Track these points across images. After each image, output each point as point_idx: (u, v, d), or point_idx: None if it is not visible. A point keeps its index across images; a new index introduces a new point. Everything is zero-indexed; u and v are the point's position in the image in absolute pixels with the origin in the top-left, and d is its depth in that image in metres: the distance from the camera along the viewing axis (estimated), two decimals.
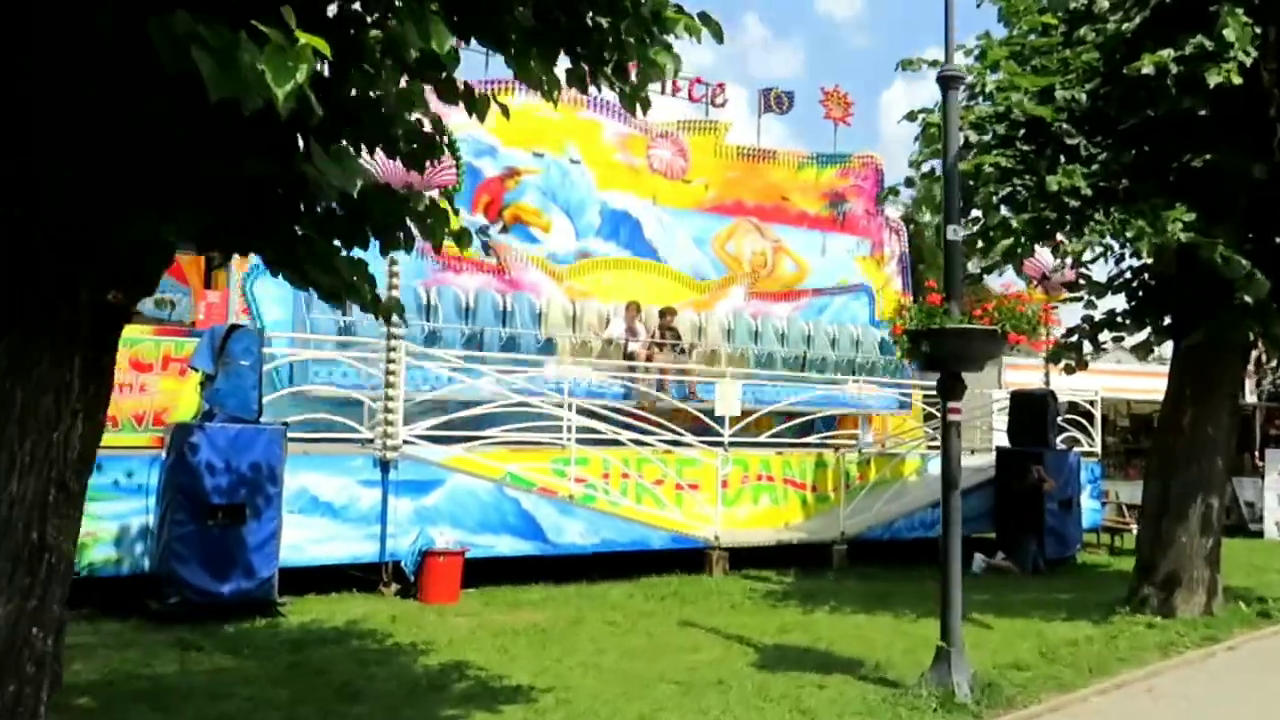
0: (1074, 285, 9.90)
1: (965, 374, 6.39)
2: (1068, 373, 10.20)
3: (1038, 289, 12.07)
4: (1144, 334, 9.75)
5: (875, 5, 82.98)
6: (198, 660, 6.63)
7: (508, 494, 9.99)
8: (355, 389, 9.99)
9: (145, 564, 8.05)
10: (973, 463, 14.16)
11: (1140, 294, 9.74)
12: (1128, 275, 9.83)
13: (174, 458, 7.80)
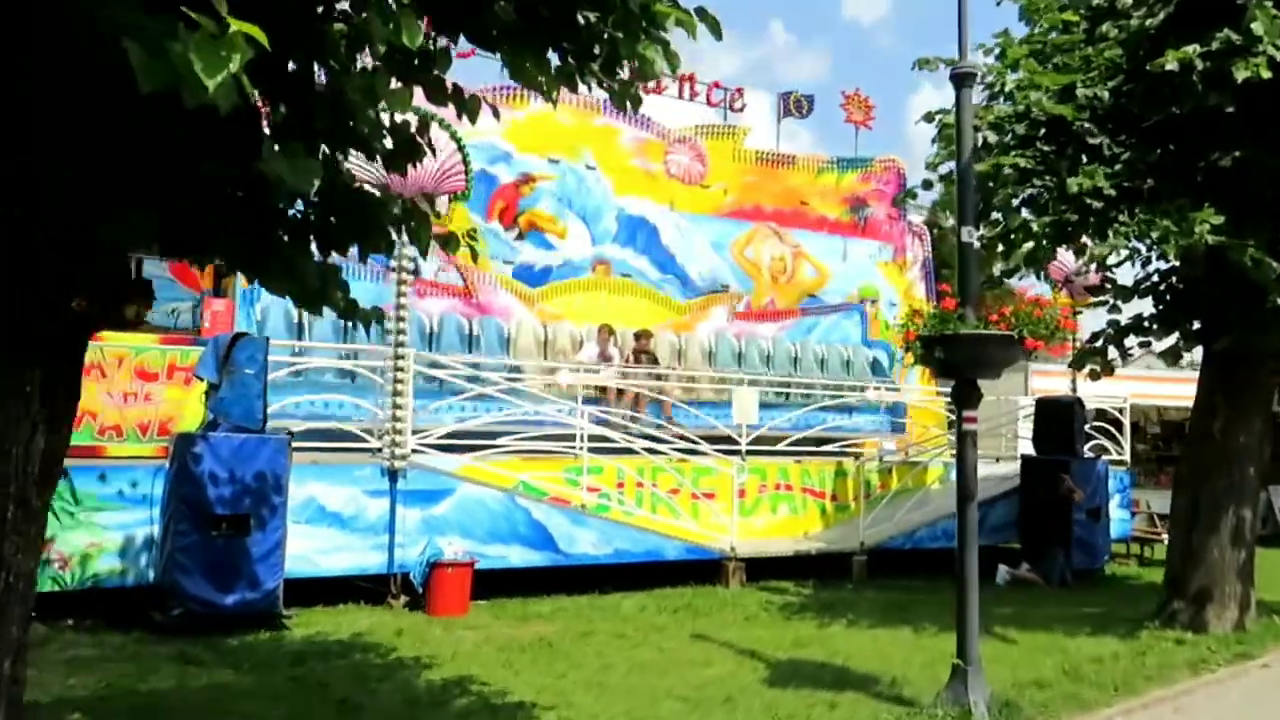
0: (1099, 289, 9.60)
1: (987, 381, 6.18)
2: (1093, 379, 9.90)
3: (1063, 292, 11.75)
4: (1172, 339, 9.44)
5: (903, 7, 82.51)
6: (196, 675, 6.51)
7: (519, 503, 9.84)
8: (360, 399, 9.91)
9: (150, 575, 7.97)
10: (998, 471, 13.89)
11: (1168, 298, 9.44)
12: (1155, 279, 9.53)
13: (177, 467, 7.72)
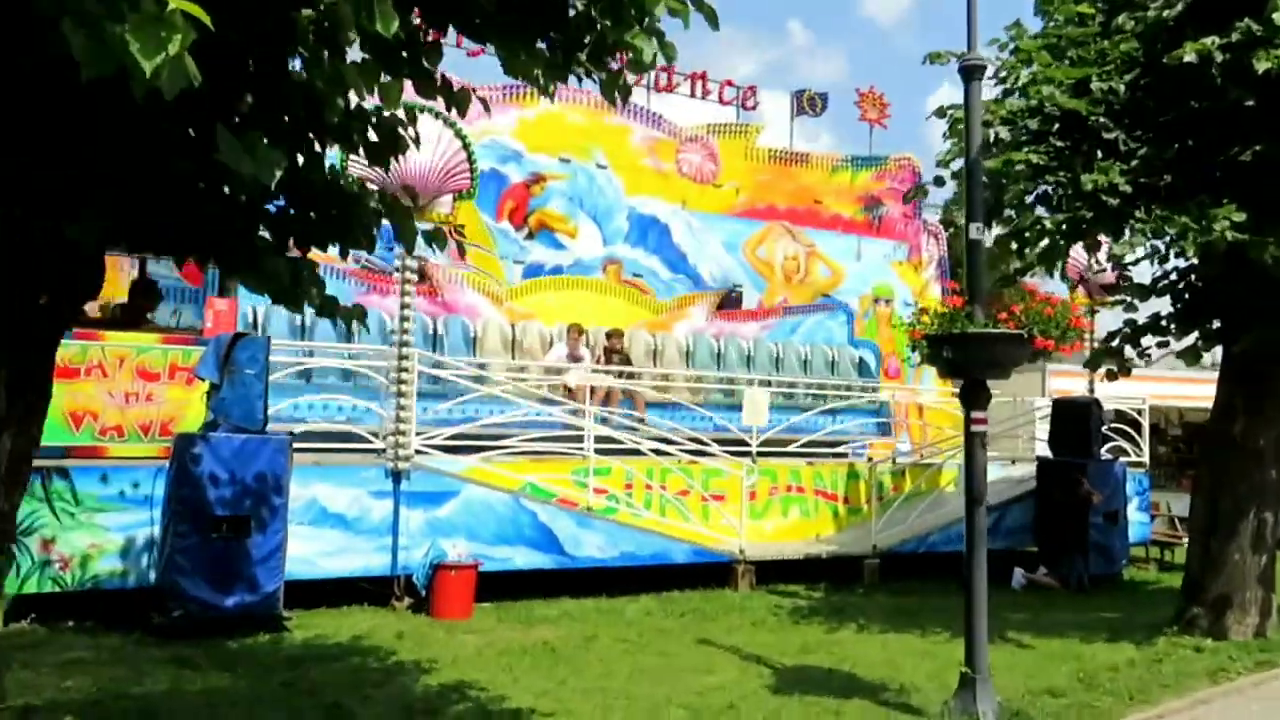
0: (1115, 288, 9.39)
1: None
2: (1110, 379, 9.69)
3: (1079, 291, 11.52)
4: (1191, 339, 9.22)
5: (924, 6, 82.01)
6: (191, 678, 6.43)
7: (524, 505, 9.73)
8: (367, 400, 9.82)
9: (151, 577, 7.91)
10: (1014, 473, 13.68)
11: (1186, 296, 9.22)
12: (1173, 277, 9.32)
13: (177, 468, 7.65)
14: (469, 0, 3.34)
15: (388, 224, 4.10)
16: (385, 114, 4.03)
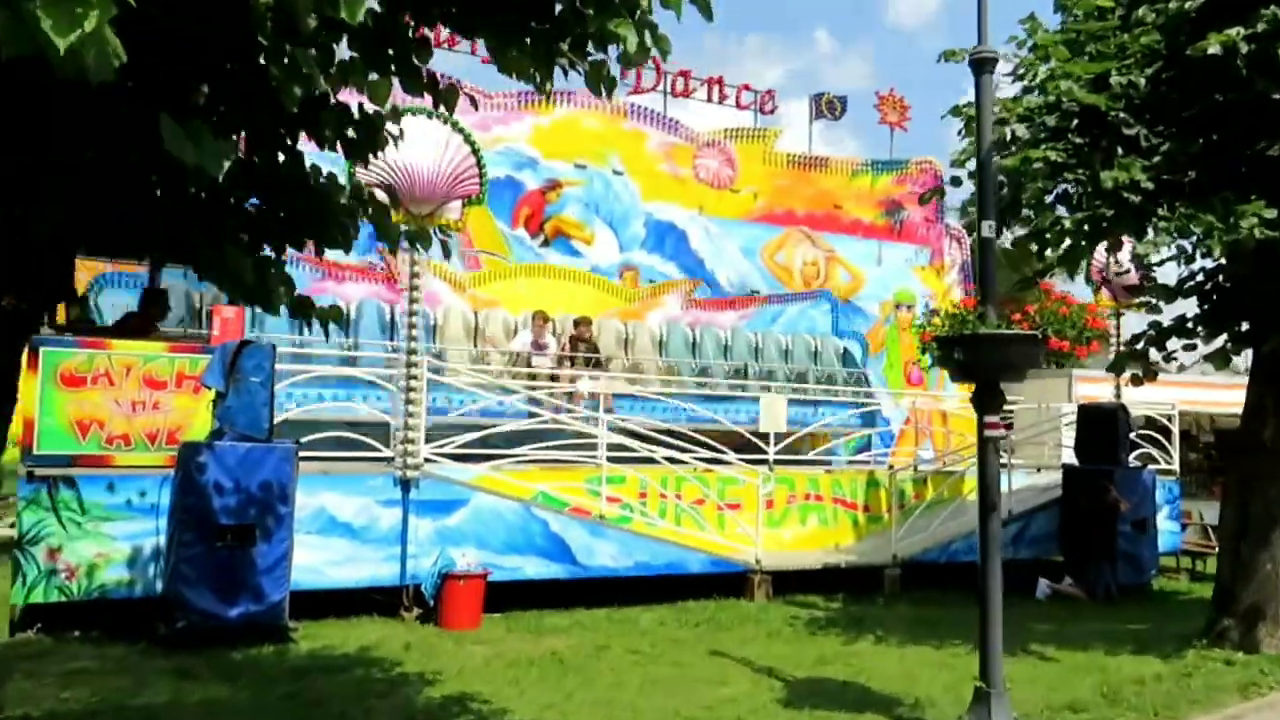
0: (1139, 289, 9.11)
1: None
2: (1135, 384, 9.41)
3: (1103, 292, 11.23)
4: (1219, 341, 8.92)
5: (950, 9, 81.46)
6: (191, 689, 6.35)
7: (535, 514, 9.60)
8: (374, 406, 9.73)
9: (157, 586, 7.85)
10: (1039, 481, 13.36)
11: (1214, 297, 8.93)
12: (1200, 277, 9.03)
13: (182, 477, 7.59)
14: None
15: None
16: (369, 111, 3.93)
